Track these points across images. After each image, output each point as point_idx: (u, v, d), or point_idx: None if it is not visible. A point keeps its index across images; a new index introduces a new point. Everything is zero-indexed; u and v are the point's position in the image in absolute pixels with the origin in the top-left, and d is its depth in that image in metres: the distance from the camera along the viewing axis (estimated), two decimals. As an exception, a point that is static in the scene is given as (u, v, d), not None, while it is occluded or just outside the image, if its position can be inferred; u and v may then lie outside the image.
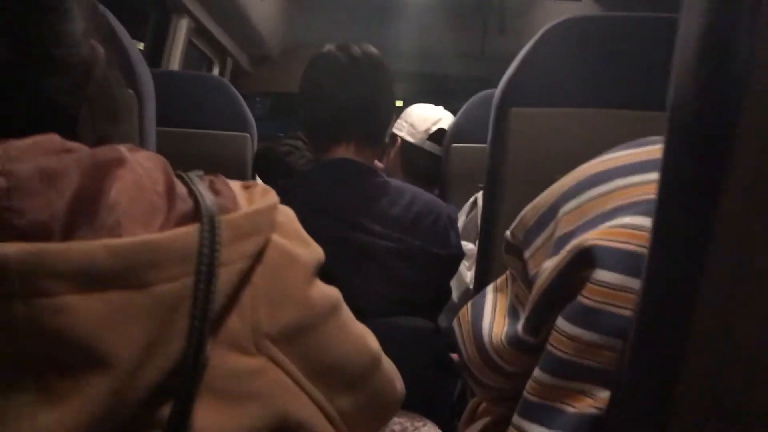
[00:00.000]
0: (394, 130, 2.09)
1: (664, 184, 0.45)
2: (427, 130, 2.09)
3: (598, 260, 0.55)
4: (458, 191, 1.97)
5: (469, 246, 1.62)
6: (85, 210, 0.41)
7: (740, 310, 0.41)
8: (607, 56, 1.09)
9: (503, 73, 1.17)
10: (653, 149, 0.63)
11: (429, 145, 2.09)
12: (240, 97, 1.90)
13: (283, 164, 1.71)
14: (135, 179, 0.44)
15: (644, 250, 0.51)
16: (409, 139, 2.08)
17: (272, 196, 0.51)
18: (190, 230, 0.44)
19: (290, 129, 1.96)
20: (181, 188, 0.47)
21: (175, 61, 2.55)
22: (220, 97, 1.85)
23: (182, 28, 2.52)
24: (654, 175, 0.57)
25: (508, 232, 0.73)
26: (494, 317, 0.73)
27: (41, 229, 0.40)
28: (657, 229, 0.47)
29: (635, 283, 0.53)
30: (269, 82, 3.87)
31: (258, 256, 0.48)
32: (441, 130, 2.10)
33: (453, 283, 1.51)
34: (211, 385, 0.45)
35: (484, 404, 0.87)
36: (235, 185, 0.51)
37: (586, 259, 0.56)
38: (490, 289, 0.79)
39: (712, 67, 0.39)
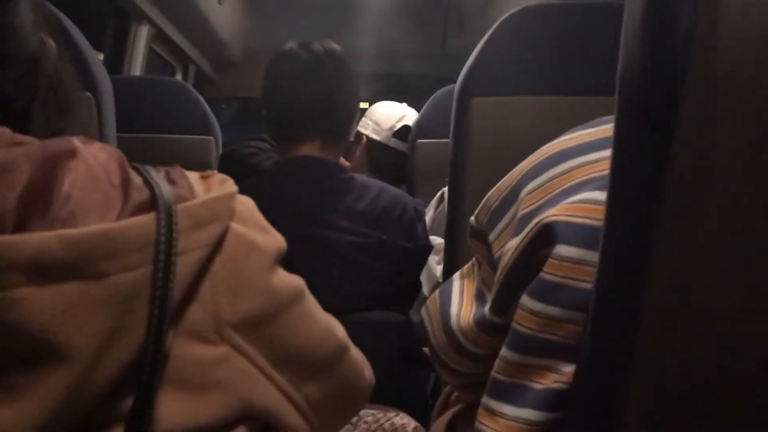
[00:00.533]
0: (359, 129, 2.09)
1: (616, 156, 0.46)
2: (391, 128, 2.10)
3: (558, 235, 0.56)
4: (425, 187, 1.97)
5: (438, 240, 1.63)
6: (38, 202, 0.41)
7: (693, 277, 0.42)
8: (565, 43, 1.11)
9: None
10: (610, 127, 0.64)
11: (394, 142, 2.10)
12: (203, 100, 1.88)
13: (247, 166, 1.70)
14: (88, 170, 0.44)
15: (601, 224, 0.52)
16: (374, 136, 2.09)
17: (230, 185, 0.51)
18: (146, 219, 0.43)
19: (257, 134, 1.95)
20: (136, 179, 0.47)
21: (136, 69, 2.51)
22: (183, 100, 1.84)
23: (142, 35, 2.49)
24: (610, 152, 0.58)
25: (472, 218, 0.74)
26: (462, 302, 0.73)
27: None
28: (611, 201, 0.48)
29: (595, 257, 0.54)
30: (233, 88, 3.84)
31: (217, 245, 0.48)
32: (405, 127, 2.11)
33: (423, 278, 1.51)
34: (173, 376, 0.45)
35: (456, 393, 0.87)
36: (192, 175, 0.51)
37: (546, 236, 0.57)
38: (456, 276, 0.79)
39: (656, 36, 0.40)
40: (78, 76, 0.57)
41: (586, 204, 0.56)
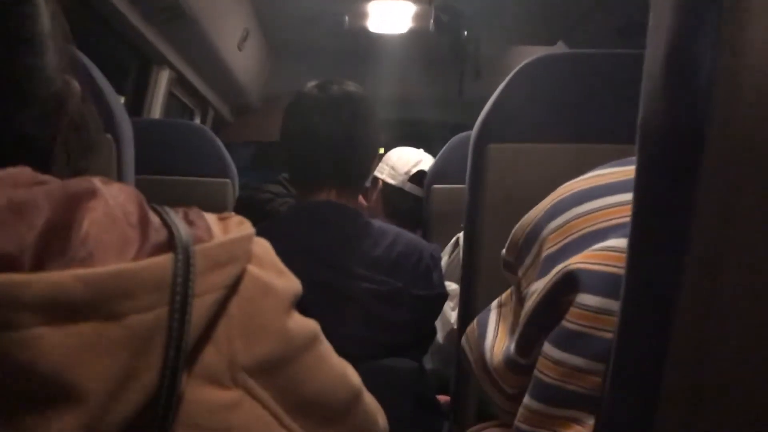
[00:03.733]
0: (376, 173, 2.10)
1: (637, 206, 0.46)
2: (407, 172, 2.11)
3: (581, 284, 0.55)
4: (440, 232, 1.97)
5: (452, 286, 1.62)
6: (56, 242, 0.41)
7: (718, 330, 0.41)
8: (580, 92, 1.11)
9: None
10: (633, 169, 0.63)
11: (410, 187, 2.11)
12: (220, 142, 1.90)
13: (263, 212, 1.70)
14: (107, 210, 0.44)
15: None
16: (390, 181, 2.10)
17: (248, 227, 0.51)
18: (164, 259, 0.43)
19: (272, 177, 1.96)
20: (154, 219, 0.46)
21: (156, 112, 2.56)
22: (200, 143, 1.86)
23: (163, 78, 2.55)
24: None
25: (503, 251, 0.73)
26: (496, 335, 0.72)
27: (10, 261, 0.39)
28: (632, 250, 0.47)
29: (617, 306, 0.53)
30: (250, 132, 3.89)
31: (233, 287, 0.47)
32: (421, 172, 2.12)
33: (438, 324, 1.49)
34: (186, 420, 0.44)
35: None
36: (210, 217, 0.51)
37: (570, 283, 0.56)
38: (494, 305, 0.77)
39: (677, 87, 0.40)
40: (99, 118, 0.57)
41: (611, 252, 0.55)
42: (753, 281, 0.40)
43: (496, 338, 0.71)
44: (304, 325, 0.52)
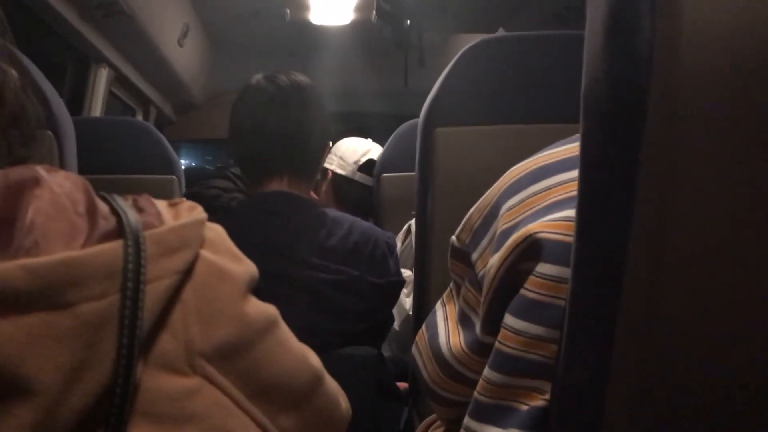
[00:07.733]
0: (325, 164, 2.10)
1: (584, 169, 0.46)
2: (356, 162, 2.11)
3: (541, 252, 0.55)
4: (392, 220, 1.98)
5: (407, 273, 1.63)
6: (0, 233, 0.39)
7: (664, 290, 0.42)
8: (525, 73, 1.13)
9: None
10: None
11: (359, 177, 2.11)
12: (164, 139, 1.87)
13: (212, 209, 1.67)
14: (53, 199, 0.42)
15: None
16: (339, 171, 2.10)
17: (200, 212, 0.50)
18: (113, 246, 0.42)
19: (219, 171, 1.94)
20: (102, 207, 0.45)
21: (96, 112, 2.50)
22: (144, 140, 1.83)
23: (102, 77, 2.48)
24: None
25: (453, 237, 0.72)
26: (448, 329, 0.72)
27: None
28: (580, 216, 0.48)
29: None
30: (194, 130, 3.84)
31: (187, 273, 0.46)
32: (370, 161, 2.13)
33: (394, 311, 1.50)
34: (144, 409, 0.43)
35: (436, 424, 0.86)
36: (161, 203, 0.50)
37: (529, 251, 0.56)
38: (438, 306, 0.78)
39: (617, 53, 0.41)
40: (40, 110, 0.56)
41: (568, 222, 0.56)
42: (699, 243, 0.40)
43: (449, 332, 0.71)
44: (262, 309, 0.52)
